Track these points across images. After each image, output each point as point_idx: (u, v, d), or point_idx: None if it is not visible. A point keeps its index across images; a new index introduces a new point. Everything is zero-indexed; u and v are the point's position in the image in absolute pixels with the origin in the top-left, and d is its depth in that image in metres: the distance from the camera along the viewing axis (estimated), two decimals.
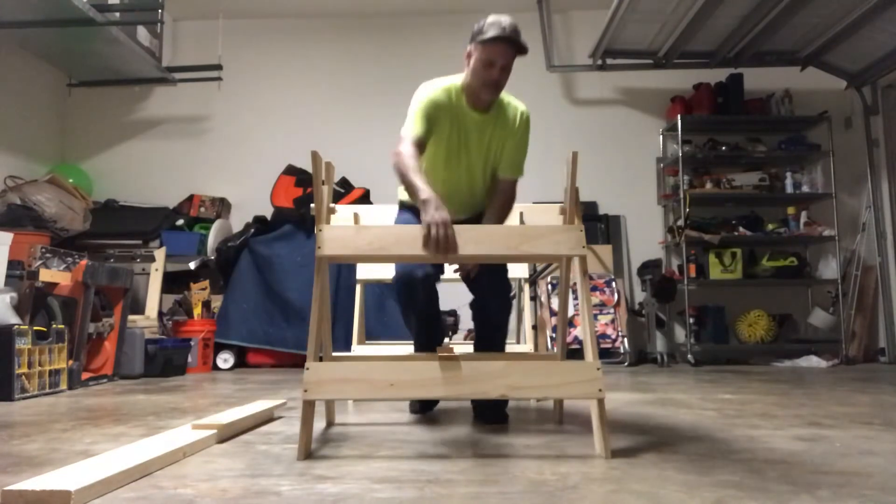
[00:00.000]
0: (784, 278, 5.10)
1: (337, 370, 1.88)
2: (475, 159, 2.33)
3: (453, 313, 4.52)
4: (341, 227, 2.01)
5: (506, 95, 2.34)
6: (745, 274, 5.12)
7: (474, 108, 2.29)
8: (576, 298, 5.04)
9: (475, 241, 1.91)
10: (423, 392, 1.83)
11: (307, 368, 1.80)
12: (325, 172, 2.07)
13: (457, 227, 1.91)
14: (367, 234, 1.93)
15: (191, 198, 5.42)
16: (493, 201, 2.37)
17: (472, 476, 1.58)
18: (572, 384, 1.81)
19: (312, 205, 3.38)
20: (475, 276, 2.34)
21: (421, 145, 2.21)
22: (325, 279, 1.96)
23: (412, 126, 2.22)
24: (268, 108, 5.72)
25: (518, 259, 2.46)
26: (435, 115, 2.24)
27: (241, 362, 4.72)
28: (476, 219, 2.37)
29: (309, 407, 1.78)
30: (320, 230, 1.91)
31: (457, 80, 2.31)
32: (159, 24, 5.14)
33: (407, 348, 2.99)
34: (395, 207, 2.96)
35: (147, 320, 4.53)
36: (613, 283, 5.08)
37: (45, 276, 3.52)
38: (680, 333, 5.29)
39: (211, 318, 4.68)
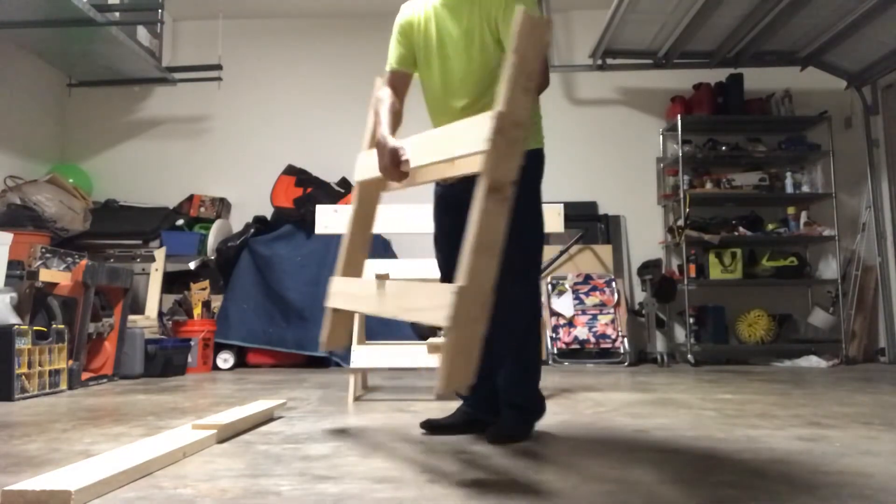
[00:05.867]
0: (784, 278, 5.09)
1: (340, 285, 2.12)
2: (453, 49, 2.05)
3: None
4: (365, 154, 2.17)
5: None
6: (745, 274, 5.11)
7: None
8: (576, 298, 5.04)
9: (417, 152, 1.89)
10: (356, 305, 2.06)
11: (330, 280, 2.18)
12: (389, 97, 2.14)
13: (401, 142, 1.94)
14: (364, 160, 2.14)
15: (191, 198, 5.42)
16: None
17: (472, 476, 1.58)
18: (427, 309, 1.64)
19: (317, 205, 3.37)
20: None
21: (403, 77, 2.17)
22: (364, 206, 2.21)
23: (388, 59, 2.18)
24: (268, 108, 5.71)
25: (451, 168, 2.00)
26: (410, 32, 2.15)
27: (241, 362, 4.71)
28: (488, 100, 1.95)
29: (331, 312, 2.17)
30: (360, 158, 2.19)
31: None
32: (159, 24, 5.14)
33: (408, 348, 2.99)
34: (398, 206, 2.96)
35: (147, 320, 4.52)
36: (613, 283, 5.08)
37: (45, 276, 3.52)
38: (680, 333, 5.29)
39: (211, 318, 4.68)
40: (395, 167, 1.93)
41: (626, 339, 4.87)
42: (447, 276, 2.11)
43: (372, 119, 2.19)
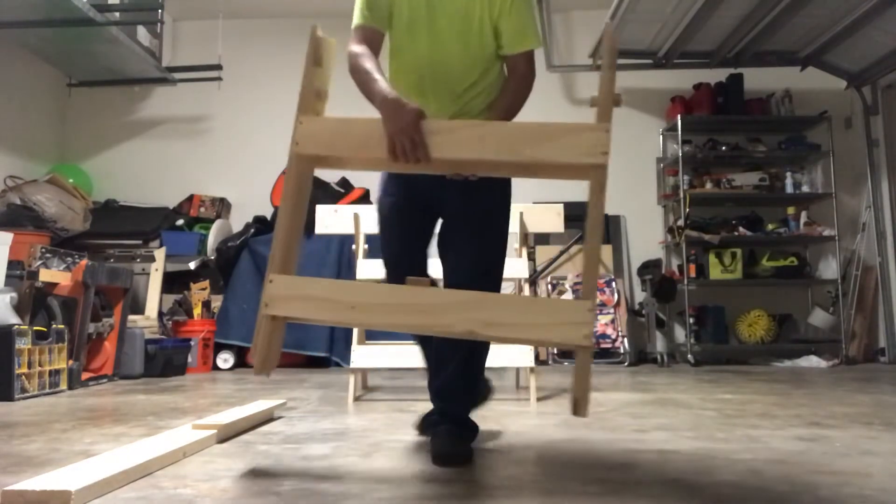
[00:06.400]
0: (784, 278, 5.09)
1: (302, 286, 1.61)
2: (447, 25, 1.80)
3: None
4: (327, 119, 1.71)
5: None
6: (745, 274, 5.11)
7: None
8: (576, 298, 5.04)
9: (459, 142, 1.58)
10: (382, 318, 1.57)
11: (270, 280, 1.58)
12: (323, 51, 1.75)
13: (438, 125, 1.61)
14: (359, 128, 1.64)
15: (191, 198, 5.42)
16: (504, 87, 1.88)
17: (472, 476, 1.58)
18: (555, 326, 1.46)
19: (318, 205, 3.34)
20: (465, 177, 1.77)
21: (375, 36, 1.83)
22: (300, 182, 1.66)
23: (357, 12, 1.85)
24: (268, 108, 5.71)
25: (517, 170, 1.75)
26: None
27: (241, 362, 4.71)
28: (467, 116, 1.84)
29: (270, 322, 1.58)
30: (300, 122, 1.66)
31: None
32: (159, 24, 5.14)
33: (410, 349, 2.97)
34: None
35: (147, 320, 4.52)
36: (613, 283, 5.08)
37: (45, 276, 3.52)
38: (680, 333, 5.29)
39: (211, 318, 4.68)
40: (418, 143, 1.57)
41: (626, 339, 4.87)
42: (404, 267, 1.81)
43: (360, 87, 1.77)
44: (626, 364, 4.76)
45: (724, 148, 5.24)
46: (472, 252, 1.82)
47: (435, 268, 1.91)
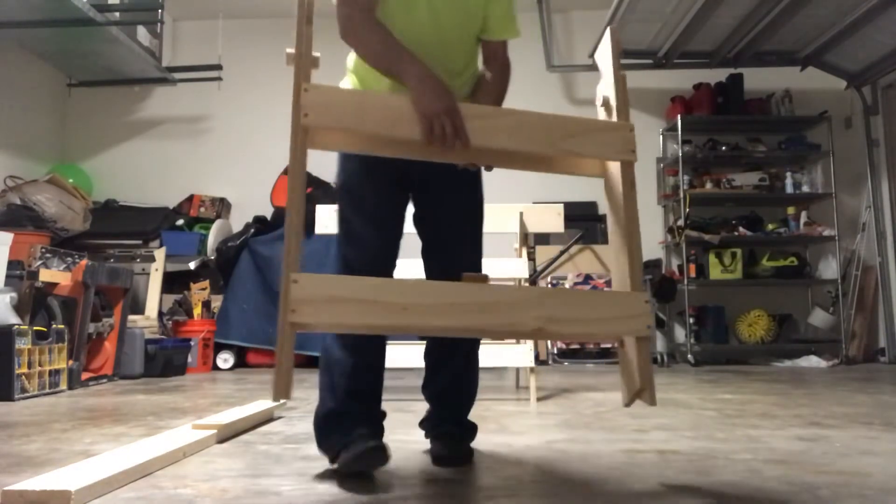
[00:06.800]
0: (784, 278, 5.09)
1: (337, 286, 1.35)
2: (444, 3, 1.63)
3: None
4: (339, 90, 1.52)
5: None
6: (745, 274, 5.11)
7: None
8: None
9: (504, 130, 1.49)
10: (441, 320, 1.36)
11: (294, 281, 1.31)
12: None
13: (474, 110, 1.48)
14: (381, 103, 1.45)
15: (191, 198, 5.42)
16: (485, 75, 1.76)
17: (472, 476, 1.58)
18: (618, 319, 1.50)
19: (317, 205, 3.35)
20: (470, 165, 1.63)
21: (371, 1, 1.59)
22: (305, 163, 1.41)
23: None
24: (268, 108, 5.70)
25: (540, 163, 1.68)
26: None
27: (241, 362, 4.71)
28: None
29: (293, 332, 1.32)
30: (306, 90, 1.45)
31: None
32: (159, 24, 5.14)
33: (410, 349, 2.97)
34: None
35: (147, 320, 4.52)
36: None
37: (45, 276, 3.52)
38: (680, 333, 5.29)
39: (211, 318, 4.68)
40: (459, 127, 1.44)
41: None
42: (383, 264, 1.67)
43: (384, 40, 1.54)
44: None
45: (724, 148, 5.24)
46: (470, 249, 1.77)
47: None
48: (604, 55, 1.68)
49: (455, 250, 1.76)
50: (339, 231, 1.71)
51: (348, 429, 1.59)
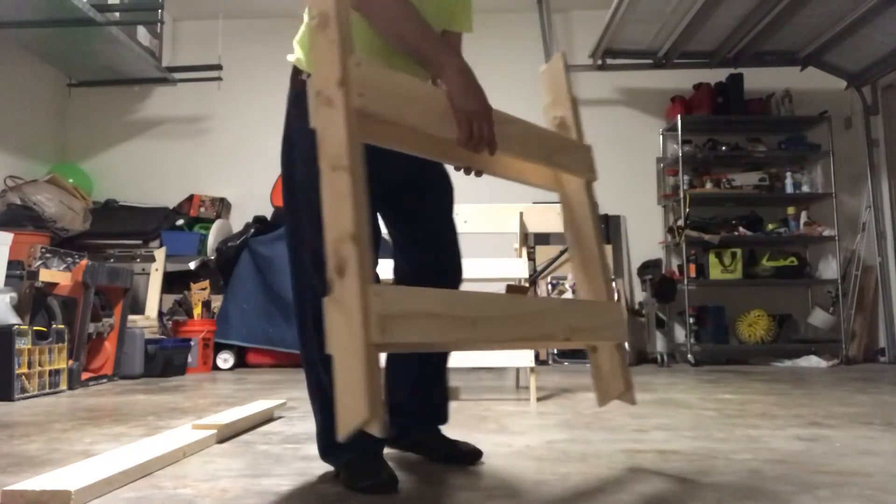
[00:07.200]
0: (784, 278, 5.09)
1: (418, 300, 1.17)
2: None
3: None
4: (391, 73, 1.25)
5: None
6: (745, 274, 5.11)
7: None
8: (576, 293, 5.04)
9: (517, 139, 1.45)
10: (503, 333, 1.29)
11: (376, 294, 1.08)
12: None
13: (496, 116, 1.38)
14: (424, 94, 1.29)
15: (191, 198, 5.42)
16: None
17: (471, 476, 1.58)
18: (614, 326, 1.58)
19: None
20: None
21: None
22: (361, 153, 1.12)
23: None
24: (268, 108, 5.69)
25: (526, 172, 1.67)
26: None
27: (241, 362, 4.71)
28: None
29: (376, 354, 1.07)
30: (358, 64, 1.14)
31: None
32: (159, 24, 5.14)
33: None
34: None
35: (147, 320, 4.53)
36: (613, 283, 5.07)
37: (45, 276, 3.52)
38: (680, 333, 5.29)
39: (211, 318, 4.68)
40: (492, 131, 1.33)
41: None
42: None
43: (414, 21, 1.38)
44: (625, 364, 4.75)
45: (724, 148, 5.24)
46: (454, 245, 1.72)
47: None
48: (554, 76, 1.71)
49: (442, 243, 1.72)
50: (297, 216, 1.54)
51: (354, 444, 1.34)
